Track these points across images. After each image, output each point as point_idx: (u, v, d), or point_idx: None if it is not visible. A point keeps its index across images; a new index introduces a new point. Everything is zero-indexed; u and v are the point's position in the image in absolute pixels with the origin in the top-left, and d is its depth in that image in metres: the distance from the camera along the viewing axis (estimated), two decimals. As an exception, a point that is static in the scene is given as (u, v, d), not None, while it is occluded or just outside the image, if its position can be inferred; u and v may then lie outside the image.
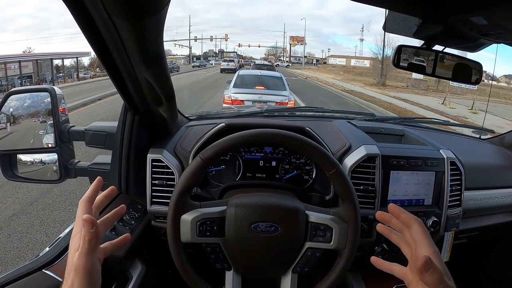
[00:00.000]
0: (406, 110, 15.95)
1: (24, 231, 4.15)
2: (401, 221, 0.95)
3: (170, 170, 1.45)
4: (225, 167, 1.61)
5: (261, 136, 1.14)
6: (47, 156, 1.53)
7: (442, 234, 1.58)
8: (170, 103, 1.36)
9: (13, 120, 1.49)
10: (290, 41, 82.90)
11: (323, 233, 1.12)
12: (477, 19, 1.00)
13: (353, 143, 1.56)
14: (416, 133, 1.81)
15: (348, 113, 2.32)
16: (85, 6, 0.81)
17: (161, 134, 1.58)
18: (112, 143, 1.52)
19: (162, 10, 0.83)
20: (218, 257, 1.13)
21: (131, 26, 0.85)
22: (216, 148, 1.11)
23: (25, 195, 5.06)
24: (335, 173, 1.12)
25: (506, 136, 2.29)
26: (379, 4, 1.02)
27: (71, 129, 1.53)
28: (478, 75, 1.39)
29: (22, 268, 1.15)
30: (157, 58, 1.06)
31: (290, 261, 1.15)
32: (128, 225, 1.46)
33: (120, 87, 1.24)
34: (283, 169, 1.62)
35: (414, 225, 0.91)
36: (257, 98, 8.77)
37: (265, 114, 2.21)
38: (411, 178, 1.50)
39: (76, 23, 0.88)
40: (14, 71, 26.98)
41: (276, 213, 1.12)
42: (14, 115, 1.49)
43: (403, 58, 1.35)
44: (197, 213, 1.10)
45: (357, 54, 78.32)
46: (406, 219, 0.93)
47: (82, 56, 36.17)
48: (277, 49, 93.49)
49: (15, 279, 1.10)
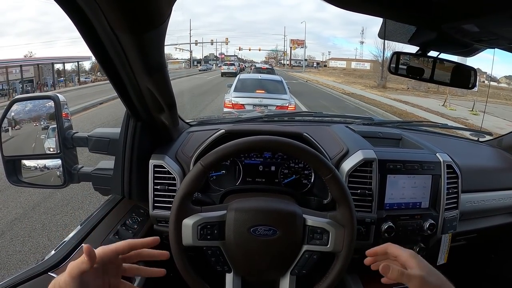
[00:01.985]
0: (406, 112, 15.92)
1: (26, 235, 4.16)
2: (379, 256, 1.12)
3: (171, 176, 1.48)
4: (225, 172, 1.64)
5: (260, 143, 1.17)
6: (51, 161, 1.55)
7: (439, 237, 1.60)
8: (171, 110, 1.39)
9: (14, 124, 1.51)
10: (291, 44, 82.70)
11: (320, 236, 1.15)
12: (469, 26, 1.02)
13: (350, 147, 1.59)
14: (413, 137, 1.83)
15: (347, 118, 2.34)
16: (89, 20, 0.84)
17: (162, 140, 1.61)
18: (115, 149, 1.55)
19: (163, 24, 0.87)
20: (219, 260, 1.16)
21: (133, 39, 0.89)
22: (216, 155, 1.14)
23: (27, 199, 5.08)
24: (331, 177, 1.15)
25: (504, 138, 2.30)
26: (373, 13, 1.04)
27: (75, 135, 1.56)
28: (473, 79, 1.41)
29: (28, 271, 1.16)
30: (158, 68, 1.10)
31: (288, 263, 1.17)
32: (131, 229, 1.48)
33: (123, 95, 1.27)
34: (282, 173, 1.65)
35: (386, 247, 1.09)
36: (257, 102, 8.75)
37: (265, 119, 2.24)
38: (408, 181, 1.52)
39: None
40: (15, 75, 26.93)
41: (274, 217, 1.15)
42: (16, 119, 1.51)
43: (401, 62, 1.37)
44: (198, 217, 1.13)
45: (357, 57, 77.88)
46: (379, 251, 1.11)
47: (83, 60, 36.01)
48: (278, 52, 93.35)
49: (21, 282, 1.12)
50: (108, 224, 1.47)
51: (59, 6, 0.79)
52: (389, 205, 1.51)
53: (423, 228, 1.51)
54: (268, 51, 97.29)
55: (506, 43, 1.13)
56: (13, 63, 27.10)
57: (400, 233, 1.50)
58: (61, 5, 0.80)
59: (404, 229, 1.51)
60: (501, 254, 2.20)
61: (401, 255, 1.02)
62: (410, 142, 1.77)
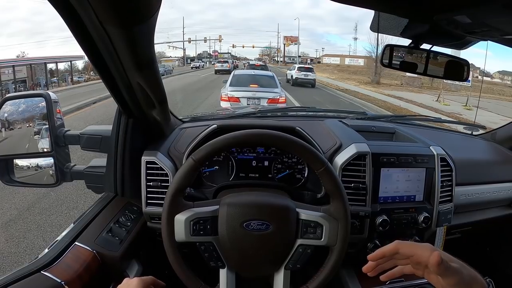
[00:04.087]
0: (400, 107, 15.98)
1: (21, 236, 4.14)
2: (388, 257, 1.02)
3: (164, 172, 1.47)
4: (218, 168, 1.63)
5: (251, 137, 1.16)
6: (43, 160, 1.54)
7: (434, 230, 1.60)
8: (162, 106, 1.39)
9: (8, 125, 1.50)
10: (284, 41, 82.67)
11: (313, 230, 1.14)
12: (461, 17, 1.02)
13: (343, 141, 1.58)
14: (407, 131, 1.83)
15: (340, 112, 2.34)
16: (77, 14, 0.83)
17: (155, 136, 1.60)
18: (107, 146, 1.54)
19: (152, 17, 0.86)
20: (212, 255, 1.15)
21: (122, 33, 0.88)
22: (207, 149, 1.13)
23: (21, 200, 5.05)
24: (324, 171, 1.14)
25: (498, 131, 2.31)
26: (364, 5, 1.04)
27: (67, 133, 1.54)
28: (466, 72, 1.42)
29: (21, 270, 1.16)
30: (148, 63, 1.09)
31: (282, 258, 1.17)
32: (124, 227, 1.48)
33: (114, 91, 1.26)
34: (275, 168, 1.65)
35: (397, 247, 0.99)
36: (251, 95, 9.62)
37: (258, 114, 2.23)
38: (402, 175, 1.52)
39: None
40: (8, 76, 26.87)
41: (267, 211, 1.14)
42: (9, 120, 1.50)
43: (394, 56, 1.37)
44: (190, 213, 1.12)
45: (351, 53, 78.07)
46: (388, 253, 1.01)
47: (76, 59, 35.99)
48: (271, 49, 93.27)
49: (14, 280, 1.11)
50: (101, 222, 1.47)
51: (47, 0, 0.78)
52: (383, 198, 1.51)
53: (417, 221, 1.51)
54: (262, 48, 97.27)
55: (499, 34, 1.13)
56: (5, 63, 27.04)
57: (395, 226, 1.50)
58: (49, 0, 0.79)
59: (399, 223, 1.51)
60: (496, 246, 2.21)
61: (420, 254, 0.94)
62: (403, 135, 1.78)
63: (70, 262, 1.25)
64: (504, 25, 1.04)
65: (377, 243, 1.50)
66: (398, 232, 1.52)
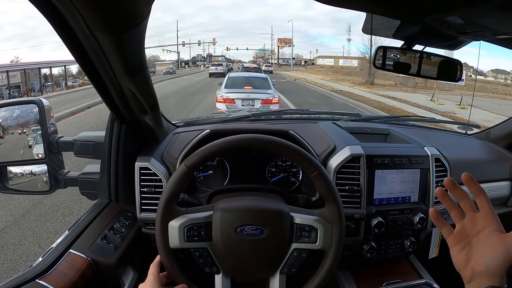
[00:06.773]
0: (395, 108, 16.02)
1: (17, 243, 4.12)
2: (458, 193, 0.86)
3: (158, 178, 1.46)
4: (212, 172, 1.63)
5: (244, 142, 1.16)
6: (37, 167, 1.53)
7: (429, 230, 1.60)
8: (154, 112, 1.39)
9: (2, 131, 1.50)
10: (278, 43, 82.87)
11: (308, 234, 1.14)
12: (453, 18, 1.02)
13: (337, 144, 1.58)
14: (401, 132, 1.83)
15: (334, 114, 2.34)
16: (66, 21, 0.83)
17: (148, 141, 1.60)
18: (101, 152, 1.53)
19: (142, 23, 0.85)
20: (207, 261, 1.15)
21: (112, 40, 0.87)
22: (200, 155, 1.13)
23: (17, 207, 5.02)
24: (317, 175, 1.15)
25: (492, 130, 2.32)
26: (356, 8, 1.04)
27: (60, 139, 1.53)
28: (459, 72, 1.42)
29: (16, 279, 1.15)
30: (139, 69, 1.09)
31: (277, 262, 1.16)
32: (118, 233, 1.47)
33: (106, 97, 1.26)
34: (269, 172, 1.65)
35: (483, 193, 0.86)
36: (245, 96, 9.84)
37: (252, 118, 2.23)
38: (396, 176, 1.52)
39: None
40: (2, 81, 26.78)
41: (261, 216, 1.14)
42: (3, 126, 1.50)
43: (387, 57, 1.37)
44: (184, 219, 1.12)
45: (345, 54, 78.20)
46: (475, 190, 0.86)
47: (70, 64, 35.71)
48: (265, 52, 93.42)
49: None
50: (96, 229, 1.46)
51: (34, 6, 0.78)
52: (378, 200, 1.51)
53: (413, 222, 1.52)
54: (256, 51, 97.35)
55: (491, 34, 1.13)
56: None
57: (390, 228, 1.50)
58: (36, 6, 0.79)
59: (394, 224, 1.51)
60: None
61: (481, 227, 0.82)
62: (397, 136, 1.78)
63: (65, 270, 1.24)
64: (496, 25, 1.04)
65: (373, 245, 1.50)
66: (394, 234, 1.52)
